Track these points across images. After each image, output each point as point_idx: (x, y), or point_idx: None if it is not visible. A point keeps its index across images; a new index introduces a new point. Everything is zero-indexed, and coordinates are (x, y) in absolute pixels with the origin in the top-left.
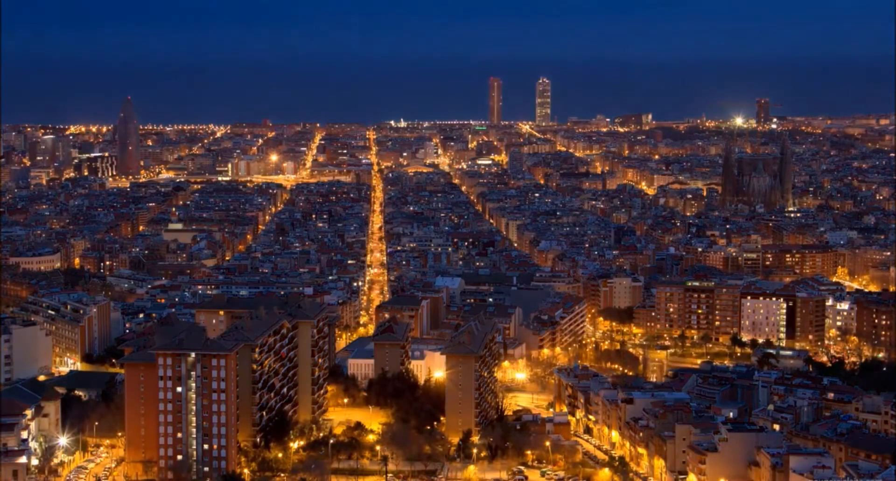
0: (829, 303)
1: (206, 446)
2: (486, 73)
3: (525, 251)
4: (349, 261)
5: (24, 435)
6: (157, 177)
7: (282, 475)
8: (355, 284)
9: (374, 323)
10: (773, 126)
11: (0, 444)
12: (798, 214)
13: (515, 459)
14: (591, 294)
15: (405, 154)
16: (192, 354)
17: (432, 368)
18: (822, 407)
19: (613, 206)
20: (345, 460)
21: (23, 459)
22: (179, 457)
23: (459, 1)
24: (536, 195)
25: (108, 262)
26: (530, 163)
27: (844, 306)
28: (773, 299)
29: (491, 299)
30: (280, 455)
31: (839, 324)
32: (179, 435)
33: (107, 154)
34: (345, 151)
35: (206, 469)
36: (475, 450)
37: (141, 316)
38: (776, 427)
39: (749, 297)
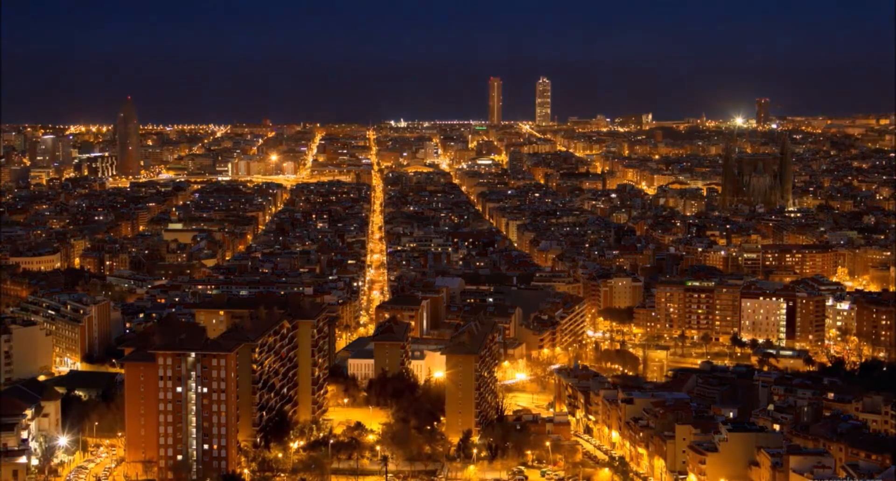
0: (829, 303)
1: (206, 446)
2: (486, 73)
3: (525, 251)
4: (349, 261)
5: (24, 435)
6: (157, 177)
7: (282, 475)
8: (355, 284)
9: (374, 323)
10: (773, 126)
11: (0, 444)
12: (798, 214)
13: (515, 459)
14: (591, 294)
15: (405, 154)
16: (192, 354)
17: (432, 368)
18: (822, 407)
19: (613, 206)
20: (345, 460)
21: (23, 459)
22: (179, 457)
23: (460, 1)
24: (536, 195)
25: (108, 262)
26: (530, 163)
27: (844, 306)
28: (773, 299)
29: (491, 299)
30: (280, 455)
31: (839, 324)
32: (179, 435)
33: (107, 154)
34: (345, 151)
35: (207, 469)
36: (475, 450)
37: (141, 316)
38: (776, 427)
39: (749, 297)
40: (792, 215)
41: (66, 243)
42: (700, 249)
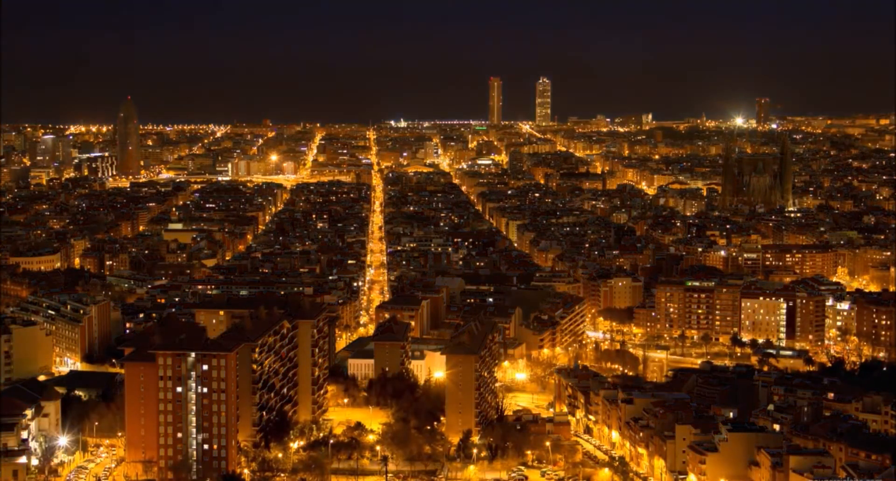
0: (829, 303)
1: (206, 446)
2: (486, 73)
3: (525, 251)
4: (349, 261)
5: (24, 435)
6: (157, 177)
7: (282, 475)
8: (355, 284)
9: (374, 323)
10: (773, 126)
11: (0, 444)
12: (798, 214)
13: (515, 459)
14: (591, 294)
15: (405, 154)
16: (192, 354)
17: (432, 368)
18: (822, 407)
19: (613, 206)
20: (345, 460)
21: (23, 459)
22: (179, 457)
23: (460, 2)
24: (536, 195)
25: (108, 262)
26: (530, 163)
27: (844, 306)
28: (773, 299)
29: (491, 299)
30: (280, 455)
31: (839, 324)
32: (179, 435)
33: (107, 154)
34: (345, 151)
35: (207, 469)
36: (475, 450)
37: (141, 316)
38: (776, 427)
39: (749, 297)
40: (792, 215)
41: (66, 243)
42: (700, 249)
